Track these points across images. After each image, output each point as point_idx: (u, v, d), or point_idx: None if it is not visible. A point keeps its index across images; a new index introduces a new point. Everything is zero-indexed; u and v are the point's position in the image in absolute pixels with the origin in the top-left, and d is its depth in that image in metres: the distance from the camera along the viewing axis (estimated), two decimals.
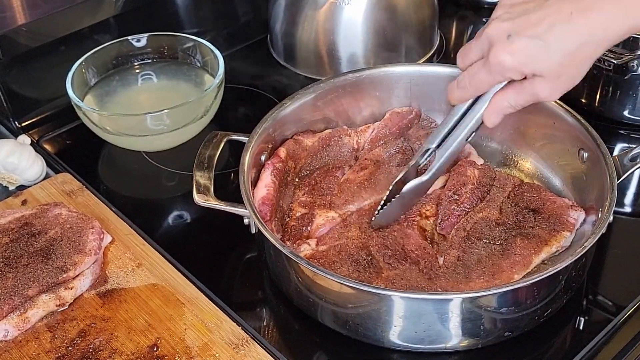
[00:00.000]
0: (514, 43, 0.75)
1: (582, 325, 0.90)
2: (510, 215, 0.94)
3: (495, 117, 0.83)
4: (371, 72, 1.08)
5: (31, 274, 0.88)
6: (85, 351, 0.85)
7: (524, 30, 0.75)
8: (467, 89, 0.82)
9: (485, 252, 0.89)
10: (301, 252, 0.91)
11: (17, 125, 1.20)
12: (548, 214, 0.93)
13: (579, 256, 0.81)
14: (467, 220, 0.94)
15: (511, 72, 0.77)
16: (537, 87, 0.78)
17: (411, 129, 1.08)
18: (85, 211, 1.01)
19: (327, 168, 1.03)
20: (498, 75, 0.79)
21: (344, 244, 0.91)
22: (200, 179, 0.92)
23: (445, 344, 0.84)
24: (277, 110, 1.01)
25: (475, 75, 0.80)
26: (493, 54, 0.77)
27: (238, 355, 0.84)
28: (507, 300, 0.82)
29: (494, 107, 0.82)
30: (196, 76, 1.20)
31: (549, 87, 0.77)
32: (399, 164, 1.02)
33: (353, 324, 0.85)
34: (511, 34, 0.75)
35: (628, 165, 0.92)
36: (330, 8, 1.24)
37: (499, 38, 0.76)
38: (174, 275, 0.93)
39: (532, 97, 0.79)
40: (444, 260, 0.89)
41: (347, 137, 1.07)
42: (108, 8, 1.23)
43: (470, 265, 0.88)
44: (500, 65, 0.77)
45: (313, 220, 0.95)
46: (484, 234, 0.92)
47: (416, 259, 0.89)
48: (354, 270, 0.88)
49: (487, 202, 0.96)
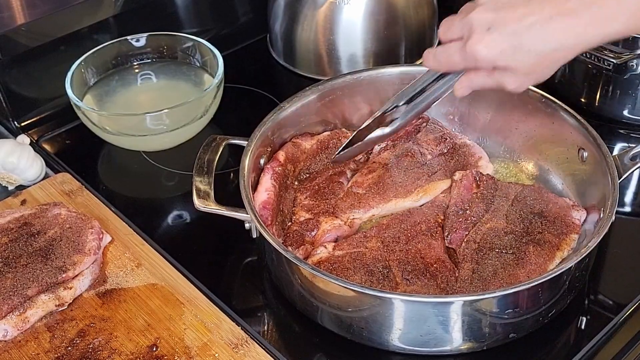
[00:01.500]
0: (492, 35, 0.78)
1: (584, 325, 0.90)
2: (517, 223, 0.93)
3: (465, 90, 0.87)
4: (369, 73, 1.08)
5: (30, 274, 0.88)
6: (85, 351, 0.85)
7: (505, 25, 0.78)
8: (442, 63, 0.86)
9: (499, 262, 0.88)
10: (317, 254, 0.91)
11: (17, 125, 1.20)
12: (553, 216, 0.93)
13: (583, 256, 0.81)
14: (475, 232, 0.93)
15: (484, 63, 0.81)
16: (506, 79, 0.81)
17: (419, 132, 1.08)
18: (85, 211, 1.01)
19: (330, 173, 1.03)
20: (471, 62, 0.82)
21: (361, 253, 0.90)
22: (200, 185, 0.92)
23: (450, 347, 0.84)
24: (275, 113, 1.01)
25: (451, 57, 0.84)
26: (470, 43, 0.80)
27: (237, 355, 0.84)
28: (512, 303, 0.82)
29: (466, 81, 0.86)
30: (195, 76, 1.20)
31: (517, 81, 0.81)
32: (407, 167, 1.02)
33: (357, 328, 0.85)
34: (491, 27, 0.78)
35: (628, 164, 0.92)
36: (330, 8, 1.24)
37: (480, 28, 0.79)
38: (173, 275, 0.93)
39: (500, 85, 0.83)
40: (459, 274, 0.88)
41: (345, 140, 1.07)
42: (108, 8, 1.23)
43: (487, 278, 0.87)
44: (475, 55, 0.80)
45: (319, 226, 0.95)
46: (495, 244, 0.91)
47: (434, 272, 0.88)
48: (366, 280, 0.87)
49: (493, 212, 0.95)
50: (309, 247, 0.93)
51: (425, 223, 0.94)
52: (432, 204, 0.98)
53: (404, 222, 0.95)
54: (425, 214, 0.96)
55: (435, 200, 0.98)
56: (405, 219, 0.95)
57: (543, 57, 0.79)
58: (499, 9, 0.79)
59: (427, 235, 0.93)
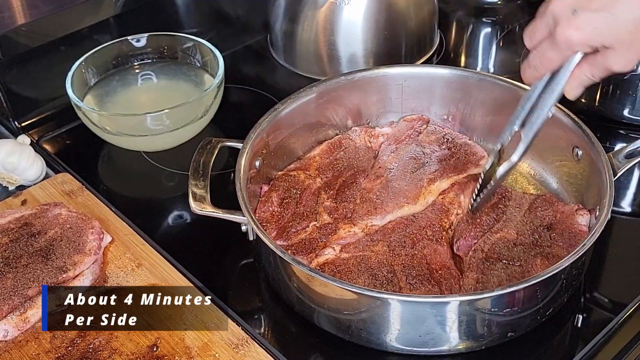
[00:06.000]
0: (579, 17, 0.75)
1: (583, 325, 0.90)
2: (527, 235, 0.92)
3: (577, 89, 0.82)
4: (363, 74, 1.08)
5: (31, 274, 0.88)
6: (85, 351, 0.85)
7: (589, 4, 0.74)
8: (539, 67, 0.82)
9: (505, 274, 0.88)
10: (324, 255, 0.91)
11: (17, 125, 1.20)
12: (561, 228, 0.92)
13: (579, 255, 0.81)
14: (484, 241, 0.92)
15: (580, 46, 0.77)
16: (610, 59, 0.77)
17: (421, 134, 1.08)
18: (85, 211, 1.01)
19: (353, 172, 1.03)
20: (567, 51, 0.78)
21: (366, 256, 0.90)
22: (195, 188, 0.91)
23: (448, 347, 0.84)
24: (270, 114, 1.01)
25: (545, 54, 0.80)
26: (559, 31, 0.76)
27: (238, 355, 0.84)
28: (510, 302, 0.82)
29: (575, 81, 0.81)
30: (196, 76, 1.20)
31: (622, 58, 0.77)
32: (412, 170, 1.02)
33: (356, 329, 0.85)
34: (576, 9, 0.75)
35: (623, 162, 0.92)
36: (330, 8, 1.24)
37: (564, 14, 0.76)
38: (173, 275, 0.93)
39: (606, 70, 0.78)
40: (463, 282, 0.88)
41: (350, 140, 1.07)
42: (108, 8, 1.23)
43: (491, 289, 0.86)
44: (568, 42, 0.76)
45: (336, 231, 0.94)
46: (503, 255, 0.90)
47: (439, 279, 0.88)
48: (370, 284, 0.87)
49: (504, 223, 0.94)
50: (319, 253, 0.93)
51: (431, 228, 0.94)
52: (434, 207, 0.97)
53: (409, 227, 0.94)
54: (430, 219, 0.95)
55: (436, 202, 0.98)
56: (410, 223, 0.95)
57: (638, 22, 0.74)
58: None
59: (432, 241, 0.92)
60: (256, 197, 1.00)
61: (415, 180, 1.00)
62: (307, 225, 0.95)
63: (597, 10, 0.74)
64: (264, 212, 0.98)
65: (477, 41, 1.44)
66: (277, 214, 0.97)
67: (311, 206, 0.98)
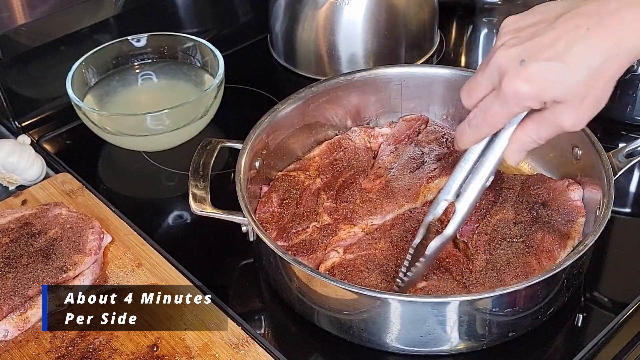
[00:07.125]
0: (529, 68, 0.67)
1: (584, 324, 0.90)
2: (524, 213, 0.94)
3: (519, 155, 0.75)
4: (362, 74, 1.08)
5: (31, 274, 0.88)
6: (85, 351, 0.85)
7: (539, 53, 0.67)
8: (481, 126, 0.74)
9: (511, 251, 0.89)
10: (330, 259, 0.91)
11: (17, 125, 1.20)
12: (556, 205, 0.94)
13: (580, 255, 0.81)
14: (485, 223, 0.93)
15: (529, 100, 0.69)
16: (560, 115, 0.70)
17: (420, 134, 1.09)
18: (85, 211, 1.01)
19: (352, 172, 1.03)
20: (515, 106, 0.70)
21: (371, 254, 0.90)
22: (195, 189, 0.91)
23: (449, 347, 0.84)
24: (269, 115, 1.01)
25: (489, 110, 0.72)
26: (506, 83, 0.69)
27: (238, 355, 0.84)
28: (511, 302, 0.82)
29: (516, 144, 0.75)
30: (196, 76, 1.20)
31: (573, 114, 0.69)
32: (411, 170, 1.02)
33: (356, 329, 0.85)
34: (524, 59, 0.68)
35: (623, 162, 0.92)
36: (330, 8, 1.24)
37: (511, 65, 0.68)
38: (173, 275, 0.93)
39: (556, 128, 0.71)
40: (473, 265, 0.89)
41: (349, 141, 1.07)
42: (108, 8, 1.23)
43: (501, 268, 0.87)
44: (516, 95, 0.69)
45: (337, 232, 0.95)
46: (506, 234, 0.91)
47: (448, 266, 0.88)
48: (382, 280, 0.87)
49: (501, 204, 0.95)
50: (320, 254, 0.92)
51: None
52: (431, 202, 0.98)
53: (407, 222, 0.95)
54: (426, 213, 0.96)
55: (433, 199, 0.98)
56: (407, 218, 0.95)
57: (597, 71, 0.67)
58: (524, 42, 0.69)
59: (432, 233, 0.93)
60: (256, 198, 1.00)
61: (414, 179, 1.00)
62: (307, 226, 0.95)
63: (548, 60, 0.67)
64: (264, 212, 0.98)
65: (477, 41, 1.44)
66: (277, 214, 0.97)
67: (311, 207, 0.98)
